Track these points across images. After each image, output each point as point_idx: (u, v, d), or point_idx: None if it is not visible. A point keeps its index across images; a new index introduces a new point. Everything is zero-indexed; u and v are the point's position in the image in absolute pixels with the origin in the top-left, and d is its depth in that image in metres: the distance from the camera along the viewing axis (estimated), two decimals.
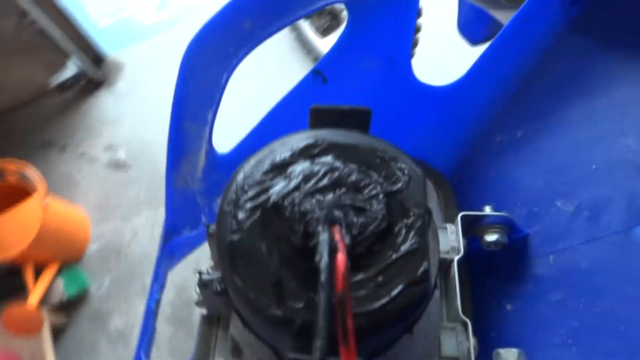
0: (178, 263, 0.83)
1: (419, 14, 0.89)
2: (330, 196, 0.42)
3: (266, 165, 0.46)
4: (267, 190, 0.44)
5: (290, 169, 0.46)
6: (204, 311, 0.64)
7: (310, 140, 0.48)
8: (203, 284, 0.53)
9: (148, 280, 1.61)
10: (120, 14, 2.44)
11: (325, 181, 0.44)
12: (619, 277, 0.59)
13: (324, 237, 0.37)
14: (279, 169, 0.46)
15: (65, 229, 1.61)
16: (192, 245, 0.80)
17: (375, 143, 0.48)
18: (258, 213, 0.43)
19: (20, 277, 1.55)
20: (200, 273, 0.53)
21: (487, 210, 0.67)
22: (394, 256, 0.42)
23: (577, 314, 0.61)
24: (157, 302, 0.75)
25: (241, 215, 0.43)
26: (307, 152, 0.47)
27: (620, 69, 0.66)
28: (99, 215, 1.80)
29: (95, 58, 2.16)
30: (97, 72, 2.13)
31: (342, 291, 0.35)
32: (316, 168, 0.45)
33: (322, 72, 0.69)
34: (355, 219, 0.41)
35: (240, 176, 0.46)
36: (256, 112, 0.79)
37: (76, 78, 2.04)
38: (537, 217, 0.68)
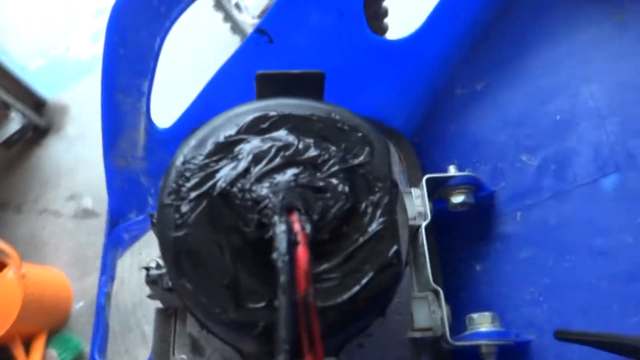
0: (126, 250, 0.76)
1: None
2: (285, 177, 0.37)
3: (209, 145, 0.40)
4: (212, 175, 0.38)
5: (237, 148, 0.40)
6: (158, 304, 0.59)
7: (258, 113, 0.42)
8: (152, 281, 0.47)
9: (146, 328, 1.49)
10: (52, 51, 2.17)
11: (278, 160, 0.38)
12: (587, 230, 0.58)
13: (280, 228, 0.32)
14: (225, 149, 0.40)
15: (47, 295, 1.49)
16: (141, 230, 0.73)
17: (333, 111, 0.42)
18: (204, 203, 0.37)
19: (6, 356, 1.43)
20: (147, 269, 0.48)
21: (452, 170, 0.64)
22: (360, 239, 0.37)
23: (547, 271, 0.60)
24: (108, 296, 0.69)
25: (184, 207, 0.38)
26: (255, 127, 0.41)
27: (584, 11, 0.63)
28: (78, 271, 1.65)
29: (36, 104, 1.95)
30: (40, 120, 1.92)
31: (305, 291, 0.30)
32: (267, 145, 0.39)
33: (267, 31, 0.62)
34: (315, 202, 0.37)
35: (179, 161, 0.40)
36: (193, 82, 0.72)
37: (21, 131, 1.85)
38: (503, 173, 0.66)
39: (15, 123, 1.85)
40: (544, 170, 0.62)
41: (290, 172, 0.38)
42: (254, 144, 0.39)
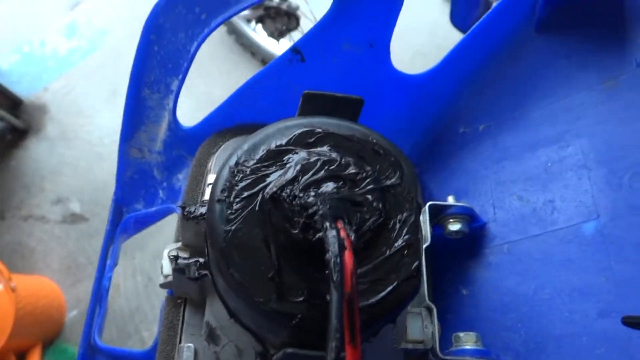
0: (129, 239, 0.79)
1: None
2: (327, 189, 0.42)
3: (261, 151, 0.44)
4: (263, 179, 0.43)
5: (286, 158, 0.44)
6: (168, 293, 0.62)
7: (306, 128, 0.46)
8: (179, 269, 0.50)
9: (145, 334, 1.48)
10: (25, 47, 2.02)
11: (322, 173, 0.43)
12: (566, 268, 0.65)
13: (332, 233, 0.37)
14: (275, 156, 0.44)
15: (39, 307, 1.43)
16: (148, 221, 0.76)
17: (370, 135, 0.48)
18: (255, 203, 0.42)
19: None
20: (176, 257, 0.51)
21: (451, 200, 0.70)
22: (388, 252, 0.42)
23: (528, 300, 0.66)
24: (110, 280, 0.71)
25: (236, 204, 0.42)
26: (303, 140, 0.46)
27: (580, 75, 0.71)
28: (69, 279, 1.59)
29: (12, 105, 1.83)
30: (18, 121, 1.81)
31: (352, 289, 0.35)
32: (313, 159, 0.44)
33: (301, 51, 0.67)
34: (354, 214, 0.41)
35: (233, 161, 0.44)
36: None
37: None
38: (495, 208, 0.72)
39: None
40: (533, 209, 0.69)
41: (332, 185, 0.42)
42: (302, 155, 0.44)
